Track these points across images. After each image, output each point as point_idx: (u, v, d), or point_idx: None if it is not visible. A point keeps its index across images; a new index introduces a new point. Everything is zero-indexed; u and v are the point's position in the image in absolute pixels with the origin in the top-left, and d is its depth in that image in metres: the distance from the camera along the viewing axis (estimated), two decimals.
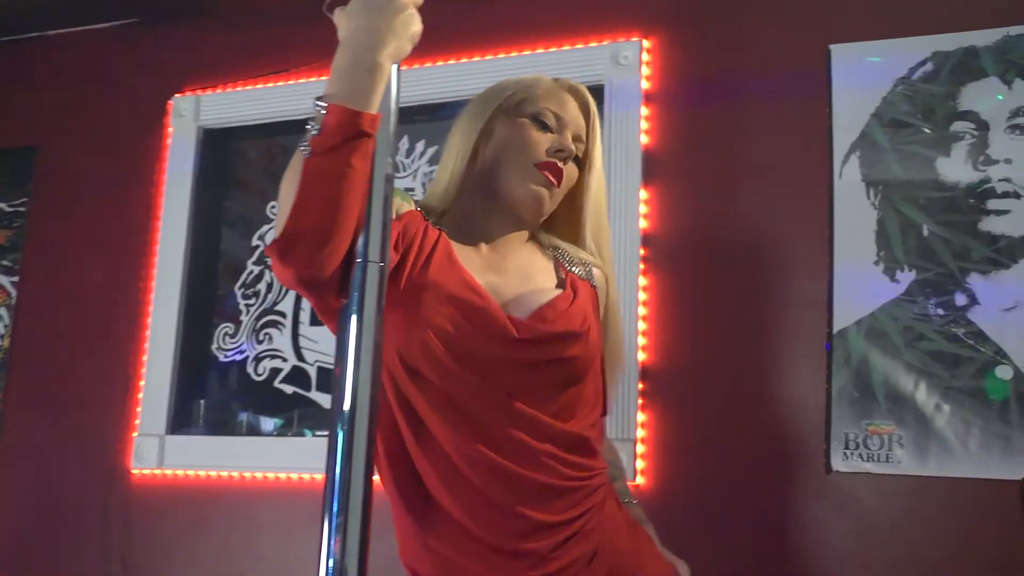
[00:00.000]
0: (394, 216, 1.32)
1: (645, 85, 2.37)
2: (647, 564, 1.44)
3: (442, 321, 1.31)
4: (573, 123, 1.47)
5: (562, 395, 1.38)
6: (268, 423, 2.70)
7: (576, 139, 1.46)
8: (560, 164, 1.42)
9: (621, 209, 2.31)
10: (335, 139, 1.10)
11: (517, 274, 1.44)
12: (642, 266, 2.28)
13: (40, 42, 3.11)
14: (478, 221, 1.45)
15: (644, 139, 2.35)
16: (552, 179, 1.41)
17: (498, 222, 1.45)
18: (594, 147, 1.50)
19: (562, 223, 1.52)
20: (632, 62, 2.37)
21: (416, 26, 1.16)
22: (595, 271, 1.50)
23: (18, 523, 2.79)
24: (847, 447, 2.05)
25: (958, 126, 2.12)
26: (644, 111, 2.36)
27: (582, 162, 1.48)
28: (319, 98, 1.12)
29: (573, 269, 1.48)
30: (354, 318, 1.13)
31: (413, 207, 1.42)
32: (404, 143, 2.65)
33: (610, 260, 1.55)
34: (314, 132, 1.11)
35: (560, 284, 1.44)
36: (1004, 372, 1.98)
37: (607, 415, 1.52)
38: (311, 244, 1.12)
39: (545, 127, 1.44)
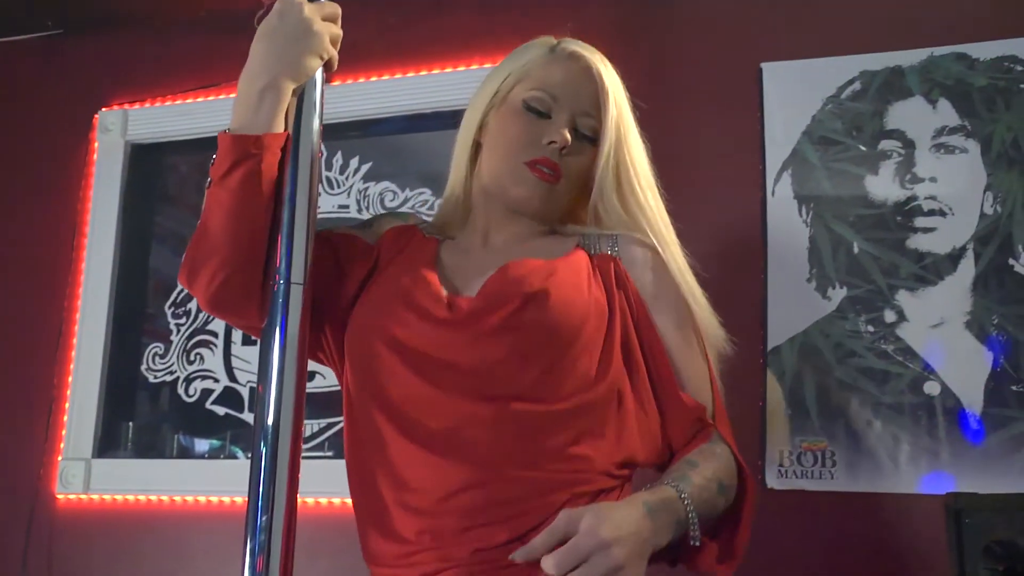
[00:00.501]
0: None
1: None
2: None
3: (385, 320, 1.20)
4: (572, 100, 1.30)
5: (529, 371, 1.17)
6: (200, 445, 2.63)
7: (582, 115, 1.29)
8: (553, 159, 1.27)
9: None
10: (224, 165, 1.11)
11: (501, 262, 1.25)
12: None
13: None
14: (484, 222, 1.34)
15: None
16: (546, 177, 1.27)
17: (507, 222, 1.32)
18: (608, 116, 1.29)
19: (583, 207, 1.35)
20: None
21: (321, 41, 1.14)
22: (627, 243, 1.31)
23: None
24: (781, 464, 2.04)
25: (885, 144, 2.14)
26: None
27: (600, 135, 1.30)
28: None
29: (599, 248, 1.29)
30: (277, 337, 1.11)
31: (405, 224, 1.36)
32: (338, 159, 2.60)
33: (659, 228, 1.35)
34: (211, 162, 1.13)
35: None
36: (931, 388, 2.00)
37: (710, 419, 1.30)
38: (211, 269, 1.11)
39: (539, 113, 1.29)
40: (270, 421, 1.08)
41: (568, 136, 1.27)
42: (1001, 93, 2.08)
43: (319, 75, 1.17)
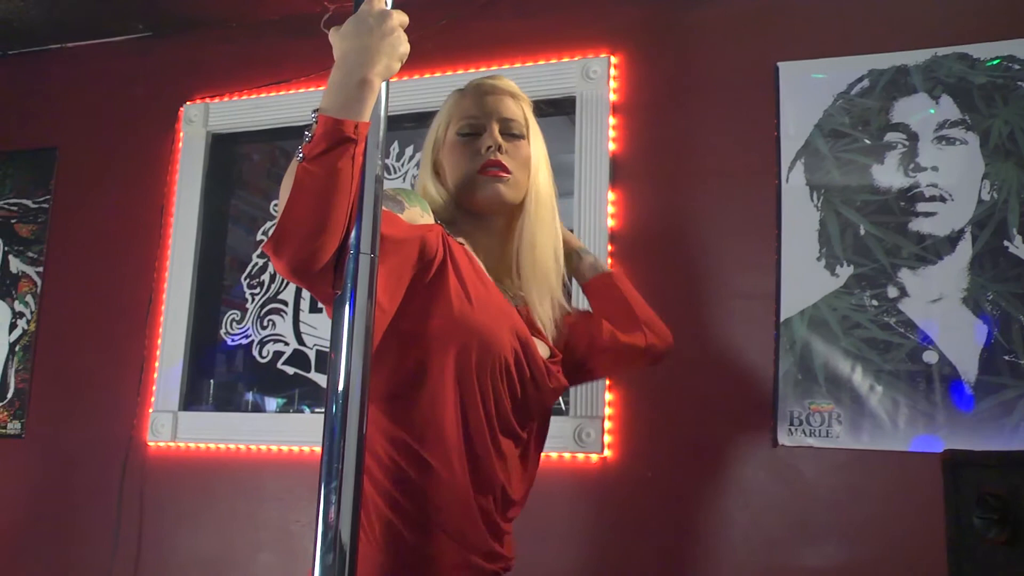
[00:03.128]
0: (404, 216, 1.34)
1: (612, 97, 2.35)
2: None
3: (506, 351, 1.33)
4: (494, 112, 1.42)
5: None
6: (271, 401, 2.66)
7: (507, 120, 1.42)
8: (496, 157, 1.39)
9: (591, 209, 2.29)
10: (323, 145, 1.10)
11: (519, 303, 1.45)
12: (610, 260, 2.26)
13: (62, 53, 3.05)
14: (474, 232, 1.44)
15: (612, 146, 2.33)
16: (497, 172, 1.39)
17: (486, 233, 1.44)
18: (521, 111, 1.45)
19: None
20: (600, 76, 2.35)
21: (403, 47, 1.17)
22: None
23: (42, 492, 2.75)
24: (791, 423, 2.04)
25: (891, 136, 2.11)
26: (612, 120, 2.33)
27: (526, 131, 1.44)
28: (315, 110, 1.13)
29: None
30: (347, 306, 1.12)
31: (432, 219, 1.40)
32: (395, 148, 2.62)
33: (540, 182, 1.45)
34: (307, 140, 1.11)
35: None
36: (930, 357, 1.98)
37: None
38: (300, 237, 1.11)
39: (470, 135, 1.42)
40: (341, 383, 1.09)
41: (499, 137, 1.40)
42: (999, 90, 2.04)
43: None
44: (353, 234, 1.12)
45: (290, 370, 2.60)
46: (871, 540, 1.93)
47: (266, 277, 2.70)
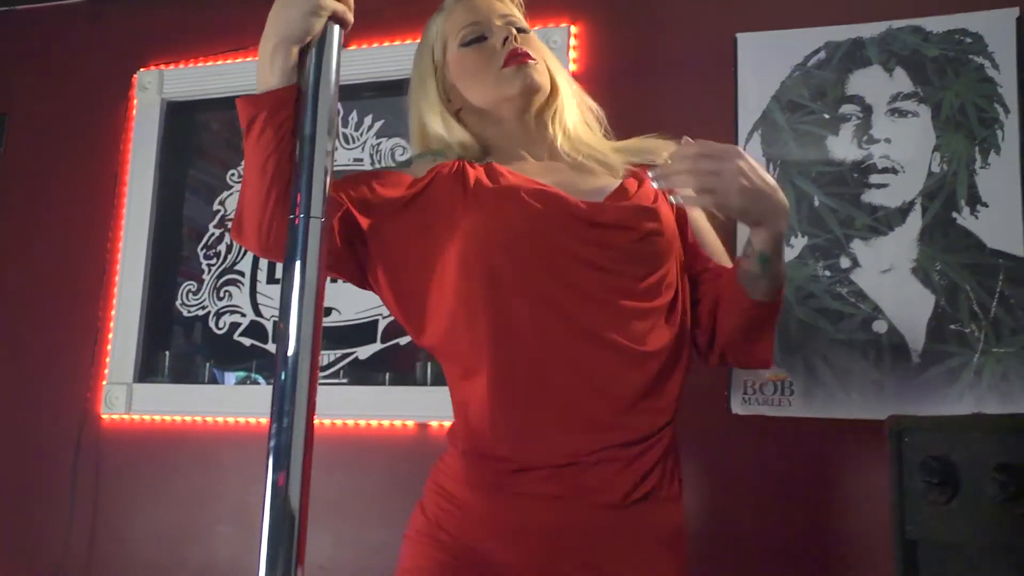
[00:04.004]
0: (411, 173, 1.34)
1: (572, 67, 2.34)
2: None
3: (517, 217, 1.24)
4: (492, 11, 1.38)
5: (650, 276, 1.29)
6: (229, 374, 2.65)
7: (507, 16, 1.39)
8: (515, 47, 1.34)
9: None
10: (244, 124, 1.14)
11: (576, 172, 1.37)
12: None
13: (9, 16, 2.96)
14: (508, 144, 1.39)
15: None
16: (523, 60, 1.34)
17: (524, 135, 1.39)
18: (515, 7, 1.43)
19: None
20: (561, 45, 2.34)
21: (315, 3, 1.11)
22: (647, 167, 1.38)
23: None
24: (746, 392, 2.07)
25: (846, 108, 2.13)
26: None
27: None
28: None
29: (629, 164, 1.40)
30: (297, 273, 1.11)
31: (434, 162, 1.35)
32: (353, 117, 2.59)
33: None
34: None
35: (619, 176, 1.38)
36: (880, 326, 2.02)
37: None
38: (252, 220, 1.16)
39: (478, 40, 1.37)
40: (290, 350, 1.08)
41: (513, 30, 1.36)
42: (951, 63, 2.07)
43: (336, 33, 1.16)
44: (303, 197, 1.11)
45: (247, 341, 2.59)
46: (822, 503, 1.98)
47: (222, 247, 2.67)
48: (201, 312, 2.65)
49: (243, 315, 2.60)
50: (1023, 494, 1.37)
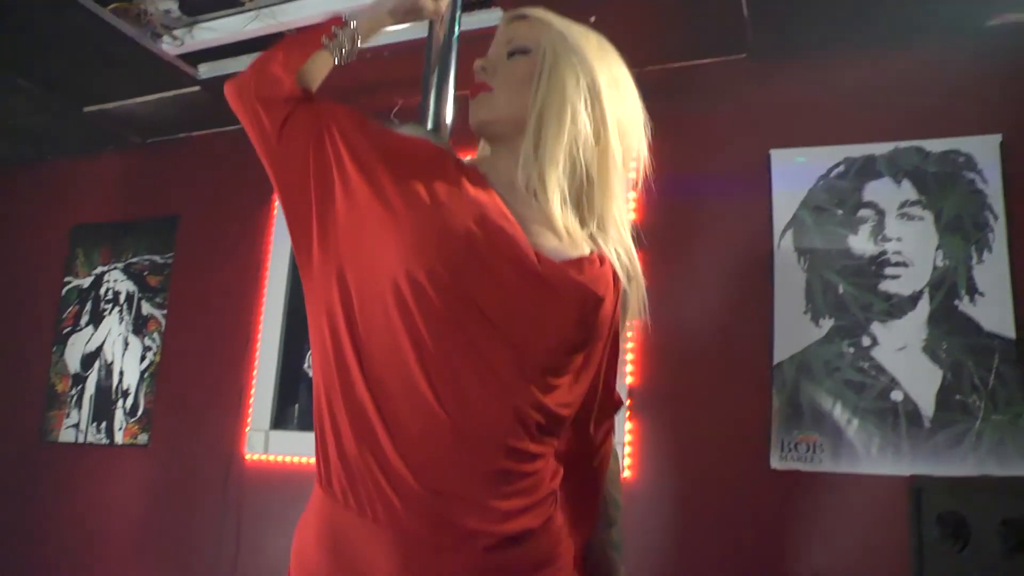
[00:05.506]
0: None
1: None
2: None
3: (458, 241, 0.93)
4: (502, 37, 1.08)
5: (570, 361, 0.97)
6: None
7: (508, 42, 1.06)
8: (478, 78, 1.05)
9: None
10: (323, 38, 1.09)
11: (550, 225, 0.99)
12: None
13: (188, 140, 3.22)
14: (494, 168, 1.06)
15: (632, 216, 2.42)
16: (473, 92, 1.05)
17: (499, 169, 1.04)
18: (535, 30, 1.05)
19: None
20: None
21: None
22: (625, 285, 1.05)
23: (163, 492, 2.90)
24: (783, 450, 2.14)
25: (863, 212, 2.22)
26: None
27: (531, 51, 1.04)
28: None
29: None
30: None
31: (434, 143, 1.05)
32: None
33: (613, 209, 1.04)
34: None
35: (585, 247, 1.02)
36: (896, 395, 2.09)
37: (617, 410, 1.11)
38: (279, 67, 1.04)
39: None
40: None
41: (481, 60, 1.06)
42: (948, 177, 2.16)
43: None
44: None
45: None
46: (848, 549, 2.01)
47: None
48: None
49: None
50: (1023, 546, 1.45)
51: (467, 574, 0.90)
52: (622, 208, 1.05)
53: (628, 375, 2.33)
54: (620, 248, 1.04)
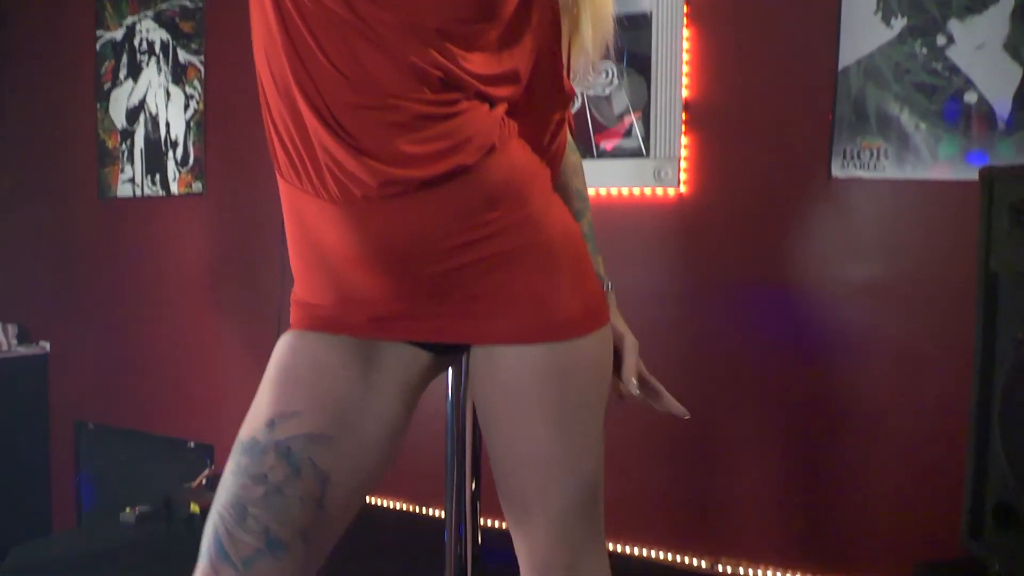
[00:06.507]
0: None
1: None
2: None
3: None
4: None
5: (473, 32, 0.90)
6: None
7: None
8: None
9: None
10: None
11: None
12: (685, 20, 2.22)
13: None
14: None
15: None
16: None
17: None
18: None
19: None
20: None
21: None
22: None
23: (222, 240, 2.98)
24: (844, 158, 2.07)
25: None
26: None
27: None
28: None
29: None
30: None
31: None
32: None
33: None
34: None
35: None
36: (970, 97, 1.97)
37: (571, 101, 1.06)
38: None
39: None
40: None
41: None
42: None
43: None
44: None
45: None
46: (909, 258, 2.01)
47: None
48: None
49: None
50: None
51: (408, 220, 0.93)
52: None
53: (684, 87, 2.23)
54: None
